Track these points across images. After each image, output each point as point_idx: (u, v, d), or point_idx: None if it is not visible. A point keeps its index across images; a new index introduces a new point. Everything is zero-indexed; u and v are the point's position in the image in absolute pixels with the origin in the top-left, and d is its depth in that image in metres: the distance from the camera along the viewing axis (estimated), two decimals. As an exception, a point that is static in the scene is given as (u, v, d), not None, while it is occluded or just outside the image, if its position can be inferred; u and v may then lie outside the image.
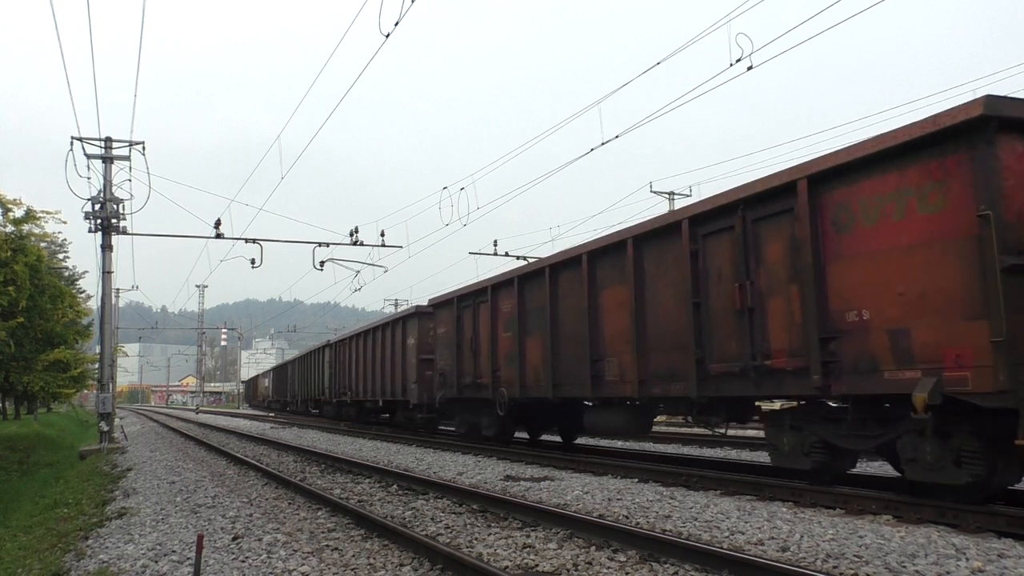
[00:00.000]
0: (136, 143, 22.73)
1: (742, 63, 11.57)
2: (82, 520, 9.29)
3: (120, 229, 22.41)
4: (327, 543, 6.97)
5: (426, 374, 19.34)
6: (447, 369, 17.53)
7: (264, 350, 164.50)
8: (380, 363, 23.69)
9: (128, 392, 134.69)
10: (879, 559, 5.64)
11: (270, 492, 10.64)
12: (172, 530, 8.01)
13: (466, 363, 16.64)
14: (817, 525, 6.94)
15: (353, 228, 24.32)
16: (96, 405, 23.24)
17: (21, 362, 27.87)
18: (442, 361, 17.96)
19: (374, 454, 15.87)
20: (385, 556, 6.39)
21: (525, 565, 5.99)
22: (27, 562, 7.38)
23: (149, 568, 6.37)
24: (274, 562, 6.30)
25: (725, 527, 7.01)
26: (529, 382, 13.96)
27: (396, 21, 10.33)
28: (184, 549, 6.97)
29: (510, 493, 9.38)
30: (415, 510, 8.61)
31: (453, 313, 17.29)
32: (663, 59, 13.60)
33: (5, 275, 23.31)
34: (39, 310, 27.59)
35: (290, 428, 29.36)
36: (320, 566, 6.12)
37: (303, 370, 39.16)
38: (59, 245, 39.45)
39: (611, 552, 6.23)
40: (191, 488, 11.29)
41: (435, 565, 5.96)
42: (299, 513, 8.71)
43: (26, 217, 26.19)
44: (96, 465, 16.76)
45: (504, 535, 7.02)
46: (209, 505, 9.57)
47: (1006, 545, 5.97)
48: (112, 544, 7.50)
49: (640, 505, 8.31)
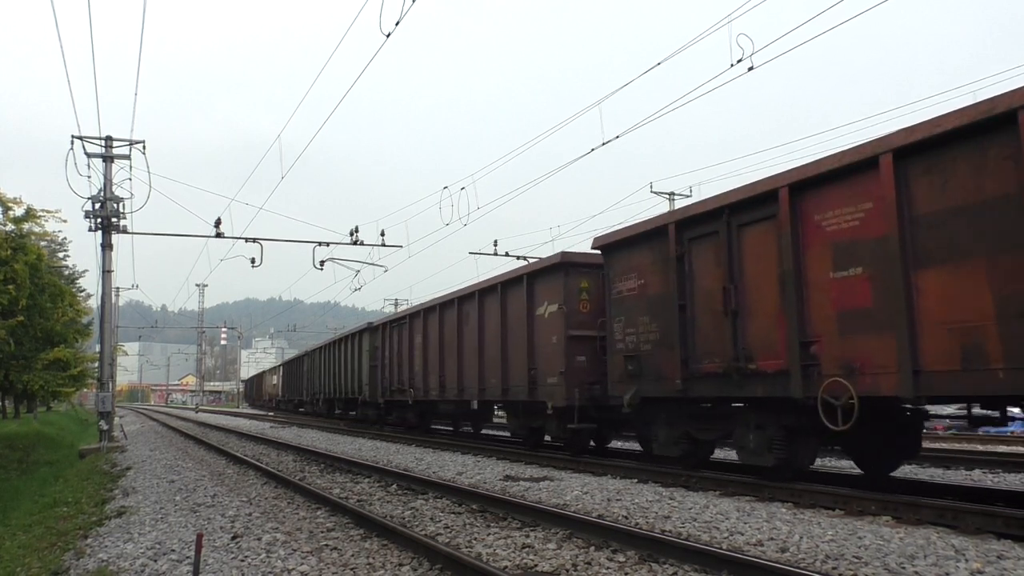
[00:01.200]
0: (136, 142, 22.73)
1: (743, 64, 11.57)
2: (81, 519, 9.29)
3: (120, 228, 22.41)
4: (326, 543, 6.97)
5: (577, 359, 12.82)
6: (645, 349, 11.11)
7: (264, 349, 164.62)
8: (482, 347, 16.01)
9: (128, 391, 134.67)
10: (878, 560, 5.64)
11: (269, 491, 10.63)
12: (171, 529, 8.00)
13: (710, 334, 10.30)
14: (816, 526, 6.94)
15: (353, 228, 24.32)
16: (96, 404, 23.23)
17: (21, 361, 27.86)
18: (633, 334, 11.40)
19: (374, 454, 15.87)
20: (384, 556, 6.39)
21: (524, 565, 5.99)
22: (26, 561, 7.37)
23: (148, 567, 6.37)
24: (273, 561, 6.29)
25: (724, 528, 7.01)
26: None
27: (397, 21, 10.33)
28: (183, 548, 6.96)
29: (509, 493, 9.38)
30: (414, 510, 8.61)
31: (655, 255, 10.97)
32: (664, 59, 13.60)
33: (5, 274, 23.33)
34: (39, 309, 27.58)
35: (289, 428, 29.36)
36: (319, 565, 6.11)
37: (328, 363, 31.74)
38: (59, 244, 39.42)
39: (610, 552, 6.23)
40: (190, 487, 11.29)
41: (434, 565, 5.96)
42: (298, 512, 8.71)
43: (26, 216, 26.21)
44: (96, 464, 16.76)
45: (503, 535, 7.02)
46: (208, 504, 9.57)
47: (1005, 546, 5.97)
48: (111, 543, 7.50)
49: (639, 505, 8.31)
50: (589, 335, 12.80)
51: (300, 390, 40.09)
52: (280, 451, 17.84)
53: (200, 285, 66.16)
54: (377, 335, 24.13)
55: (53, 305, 28.74)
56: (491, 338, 15.61)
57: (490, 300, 15.86)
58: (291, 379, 44.65)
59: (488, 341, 15.77)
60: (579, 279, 13.11)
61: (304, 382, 38.65)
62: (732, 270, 9.59)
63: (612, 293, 11.97)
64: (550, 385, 13.22)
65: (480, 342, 16.05)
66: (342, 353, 29.04)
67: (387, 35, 10.64)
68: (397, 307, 53.38)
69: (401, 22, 10.31)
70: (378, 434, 21.96)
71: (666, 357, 10.63)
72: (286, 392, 46.70)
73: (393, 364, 22.24)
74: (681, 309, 10.41)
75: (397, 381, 21.74)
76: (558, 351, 12.99)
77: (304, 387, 38.55)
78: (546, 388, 13.36)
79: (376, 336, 24.29)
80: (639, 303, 11.33)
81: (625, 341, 11.57)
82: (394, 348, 22.27)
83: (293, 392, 43.31)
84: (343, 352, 28.90)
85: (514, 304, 14.81)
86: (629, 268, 11.62)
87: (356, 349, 26.77)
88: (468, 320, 16.88)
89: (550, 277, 13.52)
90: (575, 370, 12.74)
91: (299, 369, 41.07)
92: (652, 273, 11.08)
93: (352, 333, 27.98)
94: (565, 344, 12.82)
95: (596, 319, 12.76)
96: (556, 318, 13.16)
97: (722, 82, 12.74)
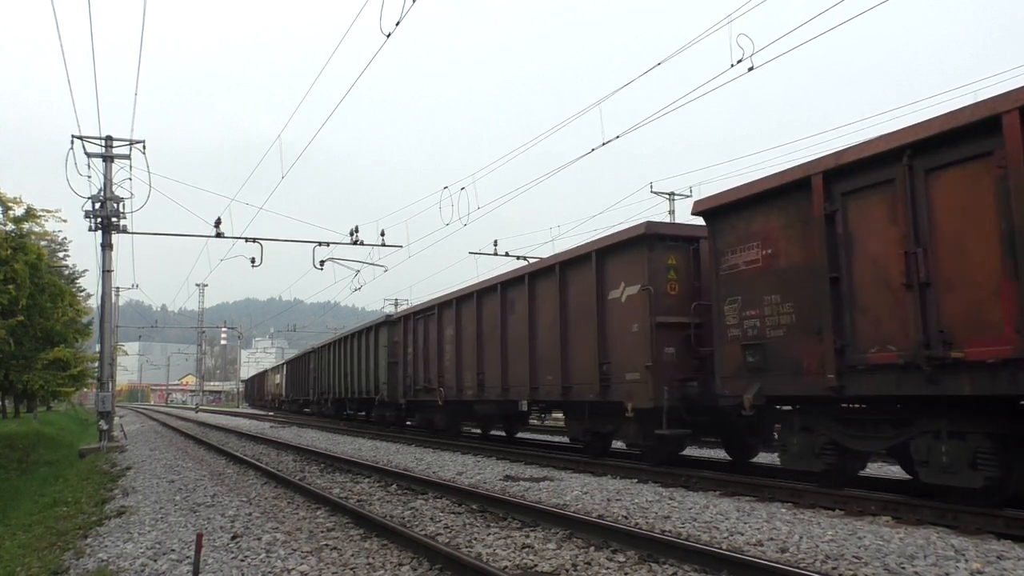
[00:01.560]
0: (136, 142, 22.75)
1: (743, 64, 11.55)
2: (81, 519, 9.30)
3: (120, 228, 22.42)
4: (326, 542, 6.97)
5: (665, 351, 10.88)
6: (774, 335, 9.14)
7: (264, 349, 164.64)
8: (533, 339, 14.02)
9: (128, 391, 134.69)
10: (878, 560, 5.64)
11: (269, 491, 10.63)
12: (171, 529, 8.01)
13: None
14: (816, 526, 6.95)
15: (353, 228, 24.33)
16: (96, 404, 23.23)
17: (21, 360, 27.86)
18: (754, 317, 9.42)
19: (373, 454, 15.87)
20: (384, 556, 6.39)
21: (524, 565, 5.99)
22: (26, 560, 7.38)
23: (148, 567, 6.37)
24: (273, 561, 6.30)
25: (724, 528, 7.01)
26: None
27: (397, 21, 10.33)
28: (183, 548, 6.96)
29: (509, 493, 9.38)
30: (414, 510, 8.61)
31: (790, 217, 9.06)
32: (664, 60, 13.60)
33: (5, 273, 23.34)
34: (39, 309, 27.58)
35: (289, 427, 29.35)
36: (319, 565, 6.11)
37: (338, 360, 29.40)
38: (59, 244, 39.40)
39: (610, 552, 6.23)
40: (190, 487, 11.29)
41: (434, 565, 5.96)
42: (298, 512, 8.71)
43: (26, 216, 26.21)
44: (95, 464, 16.76)
45: (503, 535, 7.02)
46: (208, 504, 9.57)
47: (1005, 547, 5.98)
48: (111, 543, 7.50)
49: (639, 506, 8.31)
50: (679, 322, 10.85)
51: (306, 390, 38.17)
52: (280, 451, 17.85)
53: (200, 285, 66.22)
54: (397, 328, 21.93)
55: (53, 305, 28.75)
56: (546, 328, 13.60)
57: (544, 284, 13.80)
58: (296, 378, 42.53)
59: (542, 332, 13.75)
60: (666, 254, 11.02)
61: (311, 381, 36.65)
62: (918, 229, 7.41)
63: (721, 268, 9.86)
64: (630, 383, 11.15)
65: (531, 333, 14.01)
66: (355, 349, 26.85)
67: (387, 35, 10.64)
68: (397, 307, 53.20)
69: (401, 22, 10.32)
70: (378, 434, 21.93)
71: (808, 345, 8.49)
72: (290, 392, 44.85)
73: (417, 360, 19.85)
74: (833, 283, 8.21)
75: (423, 379, 19.39)
76: (641, 342, 10.94)
77: (311, 387, 36.64)
78: (624, 386, 11.29)
79: (396, 330, 22.17)
80: (764, 278, 9.21)
81: (743, 327, 9.44)
82: (419, 342, 19.77)
83: (298, 392, 41.19)
84: (356, 348, 26.70)
85: (578, 287, 12.69)
86: (748, 236, 9.49)
87: (371, 345, 24.62)
88: (514, 308, 14.88)
89: (629, 252, 11.39)
90: (663, 364, 10.67)
91: (304, 368, 39.07)
92: (784, 239, 8.96)
93: (367, 327, 25.70)
94: (651, 333, 10.75)
95: (688, 303, 10.94)
96: (638, 302, 11.10)
97: (722, 82, 12.74)
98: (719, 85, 12.92)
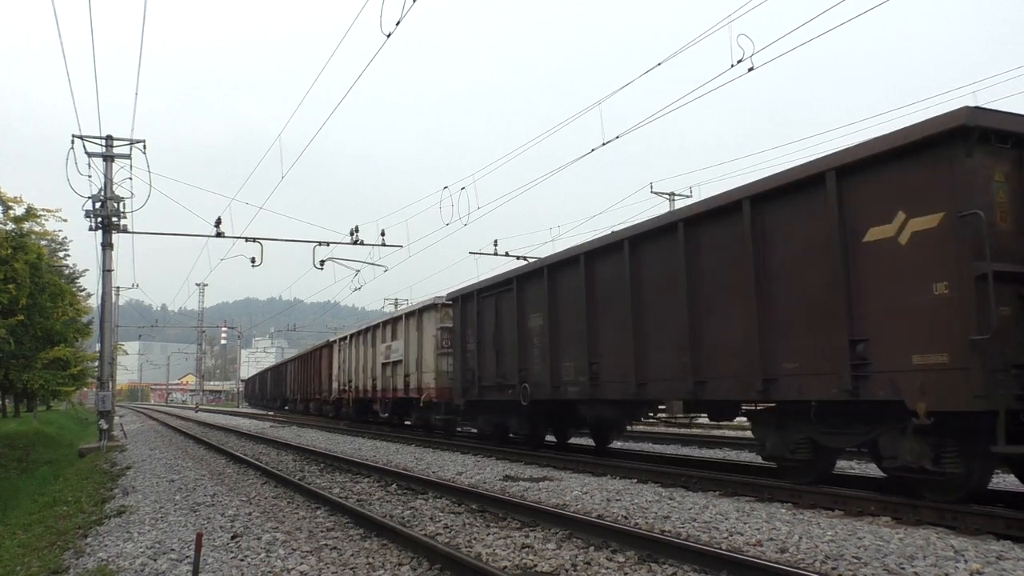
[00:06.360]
0: (137, 141, 22.78)
1: (743, 64, 11.57)
2: (81, 518, 9.30)
3: (120, 227, 22.44)
4: (326, 542, 6.97)
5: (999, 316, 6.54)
6: None
7: (264, 349, 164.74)
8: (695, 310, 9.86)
9: (128, 390, 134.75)
10: (878, 560, 5.64)
11: (269, 491, 10.63)
12: (171, 528, 8.01)
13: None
14: (816, 526, 6.95)
15: (353, 227, 24.36)
16: (96, 403, 23.24)
17: (21, 360, 27.86)
18: None
19: (373, 453, 15.87)
20: (384, 555, 6.39)
21: (524, 565, 5.99)
22: (26, 560, 7.38)
23: (148, 566, 6.37)
24: (273, 561, 6.30)
25: (724, 528, 7.01)
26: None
27: (397, 21, 10.34)
28: (183, 547, 6.97)
29: (509, 493, 9.38)
30: (414, 510, 8.61)
31: None
32: (664, 60, 13.61)
33: (5, 273, 23.32)
34: (39, 308, 27.57)
35: (289, 427, 29.35)
36: (319, 565, 6.12)
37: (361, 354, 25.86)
38: (59, 243, 39.38)
39: (610, 552, 6.23)
40: (190, 486, 11.29)
41: (434, 565, 5.96)
42: (298, 512, 8.71)
43: (26, 215, 26.19)
44: (95, 463, 16.76)
45: (503, 535, 7.03)
46: (208, 504, 9.57)
47: (1005, 547, 5.98)
48: (111, 542, 7.51)
49: (639, 506, 8.32)
50: (1016, 271, 6.73)
51: (318, 389, 34.13)
52: (280, 451, 17.85)
53: (200, 284, 66.30)
54: (454, 311, 17.49)
55: (53, 304, 28.74)
56: (719, 296, 9.50)
57: (715, 233, 9.58)
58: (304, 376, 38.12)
59: (713, 302, 9.60)
60: (992, 163, 6.83)
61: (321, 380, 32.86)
62: None
63: None
64: (922, 370, 6.97)
65: (692, 303, 9.87)
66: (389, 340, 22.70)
67: (387, 35, 10.64)
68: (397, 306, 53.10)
69: (401, 22, 10.32)
70: (377, 434, 21.91)
71: None
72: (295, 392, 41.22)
73: (484, 350, 15.83)
74: None
75: (494, 374, 15.34)
76: (950, 304, 6.76)
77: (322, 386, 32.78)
78: (907, 377, 7.09)
79: (450, 313, 18.11)
80: None
81: None
82: (486, 328, 15.79)
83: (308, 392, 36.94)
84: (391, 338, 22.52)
85: (791, 228, 8.50)
86: None
87: (414, 333, 20.55)
88: (652, 267, 10.79)
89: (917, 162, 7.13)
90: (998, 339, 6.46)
91: (315, 365, 34.71)
92: None
93: (407, 313, 21.63)
94: (974, 289, 6.58)
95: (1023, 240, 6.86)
96: (939, 241, 6.90)
97: (722, 82, 12.75)
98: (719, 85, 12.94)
